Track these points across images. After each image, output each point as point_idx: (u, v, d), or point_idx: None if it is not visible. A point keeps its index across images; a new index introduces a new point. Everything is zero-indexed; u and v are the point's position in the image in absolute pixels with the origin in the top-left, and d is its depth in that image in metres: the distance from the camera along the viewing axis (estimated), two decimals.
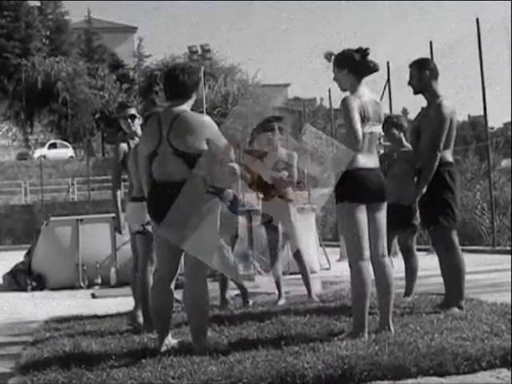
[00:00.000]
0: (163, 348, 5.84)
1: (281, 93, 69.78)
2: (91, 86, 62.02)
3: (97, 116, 61.18)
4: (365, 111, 6.04)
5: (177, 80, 5.99)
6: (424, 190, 7.30)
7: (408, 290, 8.38)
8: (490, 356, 5.09)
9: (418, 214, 8.13)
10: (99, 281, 13.90)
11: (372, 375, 4.89)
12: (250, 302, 8.77)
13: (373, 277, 6.17)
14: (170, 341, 6.00)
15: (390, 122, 8.35)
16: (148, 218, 6.65)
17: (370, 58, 6.23)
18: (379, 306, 6.21)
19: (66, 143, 57.71)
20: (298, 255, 9.09)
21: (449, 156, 7.35)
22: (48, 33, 69.59)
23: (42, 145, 57.15)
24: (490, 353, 5.12)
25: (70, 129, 60.01)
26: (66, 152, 56.20)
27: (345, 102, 6.06)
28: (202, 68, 40.29)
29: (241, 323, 6.87)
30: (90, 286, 13.75)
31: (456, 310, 7.02)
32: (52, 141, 57.88)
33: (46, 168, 49.62)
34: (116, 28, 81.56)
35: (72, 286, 13.64)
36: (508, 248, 17.39)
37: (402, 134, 8.50)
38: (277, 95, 63.11)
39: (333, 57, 6.31)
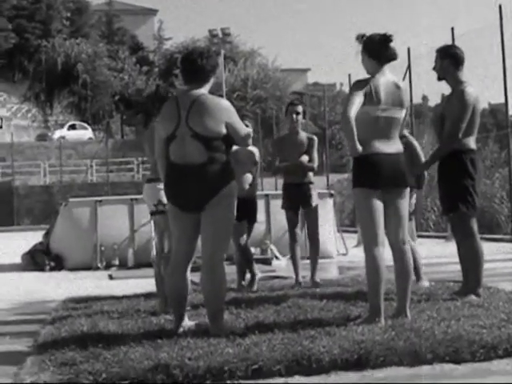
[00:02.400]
0: (180, 329, 5.87)
1: (300, 78, 69.68)
2: (111, 68, 62.15)
3: (116, 98, 61.29)
4: (375, 93, 6.02)
5: (195, 64, 6.00)
6: (428, 165, 7.36)
7: (417, 275, 8.35)
8: (506, 344, 5.08)
9: (413, 201, 8.17)
10: (117, 262, 13.96)
11: (388, 361, 4.89)
12: (255, 287, 8.79)
13: (391, 263, 6.17)
14: (187, 322, 6.02)
15: None
16: (159, 197, 6.72)
17: (391, 45, 6.22)
18: (397, 292, 6.20)
19: (85, 125, 57.86)
20: (314, 239, 9.08)
21: (472, 143, 7.31)
22: (69, 14, 69.68)
23: (62, 126, 57.31)
24: (507, 341, 5.11)
25: (90, 110, 60.19)
26: (85, 133, 56.36)
27: (351, 85, 6.14)
28: (222, 52, 40.24)
29: (257, 306, 6.89)
30: (108, 267, 13.81)
31: (473, 297, 7.01)
32: (71, 122, 58.06)
33: (65, 149, 49.84)
34: (137, 10, 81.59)
35: (89, 267, 13.71)
36: None
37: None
38: (296, 80, 63.03)
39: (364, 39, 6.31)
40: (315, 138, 9.18)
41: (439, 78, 7.49)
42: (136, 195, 15.32)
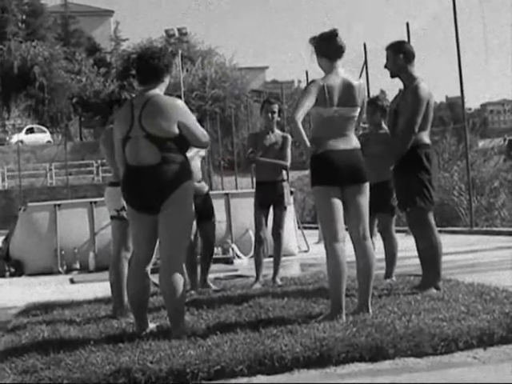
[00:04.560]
0: (141, 332, 5.84)
1: (258, 76, 69.80)
2: (68, 70, 61.68)
3: (74, 100, 60.87)
4: (328, 94, 6.06)
5: (148, 64, 5.97)
6: (391, 167, 7.36)
7: (388, 273, 8.42)
8: (466, 336, 5.13)
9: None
10: (77, 266, 13.87)
11: (350, 357, 4.92)
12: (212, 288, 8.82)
13: (353, 258, 6.20)
14: (148, 325, 6.00)
15: (375, 105, 8.41)
16: (123, 203, 6.66)
17: (338, 39, 6.27)
18: (359, 287, 6.24)
19: (43, 128, 57.40)
20: (278, 237, 9.07)
21: (426, 138, 7.35)
22: (24, 17, 69.00)
23: (20, 130, 56.81)
24: (467, 333, 5.16)
25: (48, 113, 59.68)
26: (43, 137, 55.92)
27: (305, 86, 6.19)
28: (180, 51, 40.12)
29: (219, 307, 6.88)
30: (69, 271, 13.73)
31: (433, 290, 7.06)
32: (29, 126, 57.56)
33: (23, 153, 49.38)
34: (93, 12, 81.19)
35: (50, 272, 13.62)
36: (485, 228, 17.52)
37: (382, 118, 8.55)
38: (254, 78, 63.12)
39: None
40: (289, 136, 9.15)
41: (392, 75, 7.52)
42: (96, 198, 15.23)
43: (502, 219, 18.55)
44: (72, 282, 12.27)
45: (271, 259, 9.20)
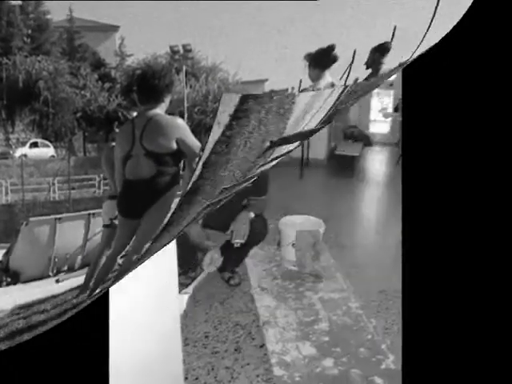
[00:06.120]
0: None
1: (258, 88, 69.95)
2: (73, 85, 61.70)
3: (78, 115, 60.95)
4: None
5: (148, 84, 6.01)
6: None
7: None
8: None
9: None
10: (66, 268, 13.93)
11: None
12: None
13: None
14: None
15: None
16: (116, 212, 6.76)
17: (333, 53, 6.37)
18: None
19: (47, 142, 57.25)
20: None
21: None
22: (29, 31, 69.25)
23: (23, 144, 56.63)
24: None
25: (52, 128, 59.53)
26: (47, 151, 55.68)
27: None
28: (184, 68, 40.20)
29: None
30: (58, 273, 13.78)
31: None
32: (33, 140, 57.35)
33: (27, 167, 49.22)
34: (98, 27, 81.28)
35: (42, 277, 13.67)
36: None
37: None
38: (254, 90, 63.22)
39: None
40: None
41: None
42: (96, 209, 15.31)
43: None
44: (57, 281, 12.34)
45: None
